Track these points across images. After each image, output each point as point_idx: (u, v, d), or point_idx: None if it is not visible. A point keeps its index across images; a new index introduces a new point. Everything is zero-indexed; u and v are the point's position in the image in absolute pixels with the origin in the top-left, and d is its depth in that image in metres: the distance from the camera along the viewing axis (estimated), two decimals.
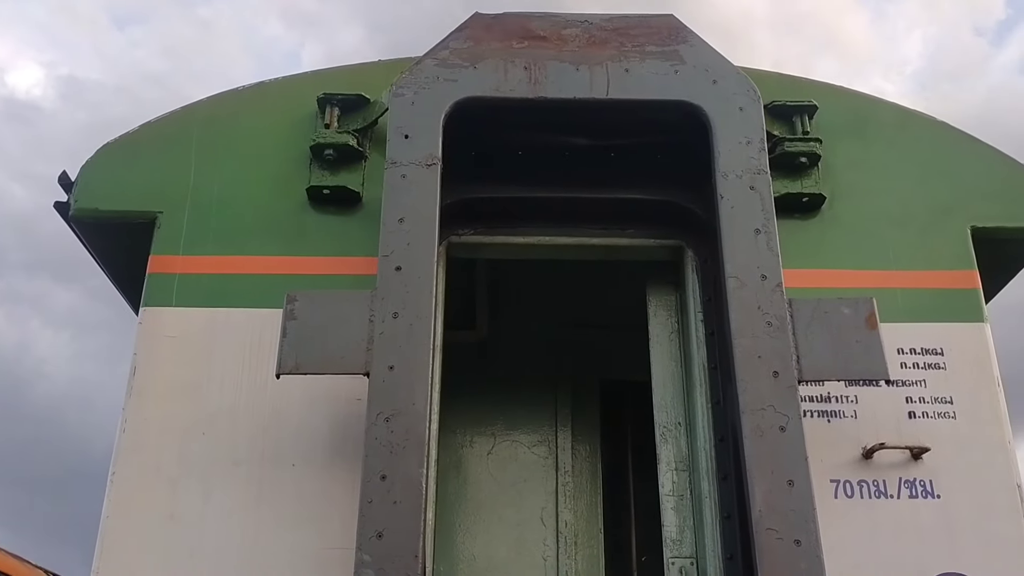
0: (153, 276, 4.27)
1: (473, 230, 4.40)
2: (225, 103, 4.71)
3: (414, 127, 3.86)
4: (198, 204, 4.40)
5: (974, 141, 4.66)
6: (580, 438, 5.78)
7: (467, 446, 5.71)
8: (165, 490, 3.84)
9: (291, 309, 3.57)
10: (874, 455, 3.92)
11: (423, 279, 3.59)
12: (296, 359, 3.50)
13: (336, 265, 4.27)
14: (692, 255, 4.32)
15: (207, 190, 4.44)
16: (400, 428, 3.33)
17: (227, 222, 4.38)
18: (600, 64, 3.99)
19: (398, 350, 3.45)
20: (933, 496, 3.91)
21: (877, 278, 4.29)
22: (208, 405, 3.99)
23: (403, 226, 3.67)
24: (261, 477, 3.87)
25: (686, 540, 4.03)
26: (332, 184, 4.35)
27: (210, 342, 4.12)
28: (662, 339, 4.43)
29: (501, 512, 5.60)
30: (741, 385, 3.44)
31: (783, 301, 3.60)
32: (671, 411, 4.28)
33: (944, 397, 4.08)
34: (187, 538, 3.76)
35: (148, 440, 3.93)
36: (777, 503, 3.24)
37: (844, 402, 4.05)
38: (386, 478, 3.26)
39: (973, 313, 4.26)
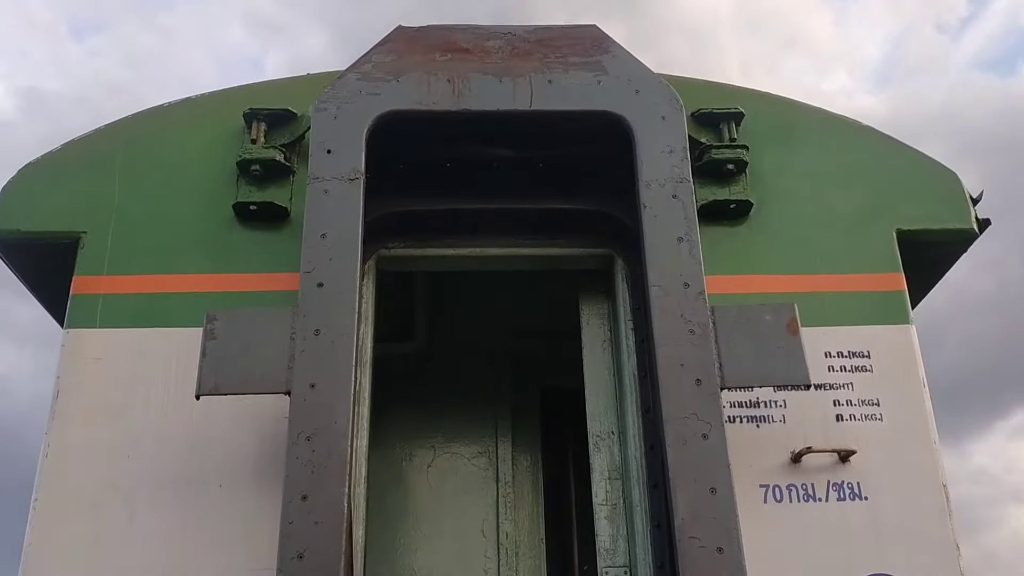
0: (76, 297, 4.20)
1: (403, 243, 4.38)
2: (151, 120, 4.65)
3: (337, 141, 3.84)
4: (123, 223, 4.34)
5: (900, 145, 4.72)
6: (520, 448, 5.78)
7: (406, 459, 5.69)
8: (89, 514, 3.77)
9: (211, 328, 3.53)
10: (802, 459, 3.95)
11: (345, 295, 3.57)
12: (216, 379, 3.45)
13: (265, 282, 4.23)
14: (622, 264, 4.33)
15: (132, 208, 4.37)
16: (322, 447, 3.30)
17: (153, 240, 4.32)
18: (523, 76, 3.99)
19: (320, 368, 3.42)
20: (861, 498, 3.94)
21: (804, 282, 4.33)
22: (132, 427, 3.93)
23: (325, 241, 3.65)
24: (187, 499, 3.81)
25: (619, 549, 4.04)
26: (259, 200, 4.30)
27: (135, 363, 4.06)
28: (595, 348, 4.44)
29: (441, 525, 5.58)
30: (664, 393, 3.45)
31: (706, 309, 3.62)
32: (604, 420, 4.29)
33: (871, 399, 4.12)
34: (112, 562, 3.69)
35: (71, 464, 3.86)
36: (700, 511, 3.25)
37: (773, 407, 4.08)
38: (307, 498, 3.23)
39: (899, 315, 4.31)
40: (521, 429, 5.81)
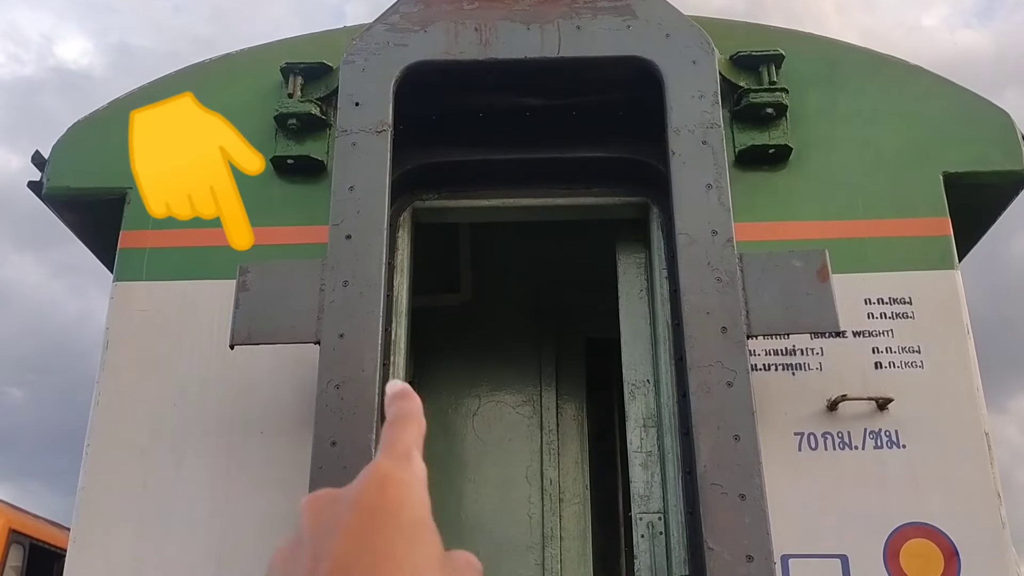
0: (124, 251, 4.34)
1: (437, 195, 4.41)
2: (192, 76, 4.73)
3: (364, 94, 3.87)
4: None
5: (948, 84, 4.55)
6: (565, 397, 5.81)
7: (452, 408, 5.77)
8: (138, 460, 3.94)
9: (243, 280, 3.63)
10: (838, 407, 3.90)
11: (373, 247, 3.62)
12: (248, 329, 3.56)
13: (302, 234, 4.30)
14: (657, 212, 4.29)
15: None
16: (350, 395, 3.38)
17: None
18: (551, 22, 3.96)
19: (348, 318, 3.49)
20: (899, 446, 3.88)
21: (845, 228, 4.23)
22: (179, 377, 4.07)
23: (353, 194, 3.70)
24: (231, 445, 3.95)
25: (654, 495, 4.06)
26: (296, 153, 4.36)
27: (180, 314, 4.19)
28: (631, 297, 4.43)
29: (487, 472, 5.67)
30: (689, 341, 3.44)
31: (733, 256, 3.58)
32: (639, 369, 4.29)
33: (912, 347, 4.03)
34: (159, 506, 3.86)
35: (121, 413, 4.03)
36: (722, 458, 3.25)
37: (809, 354, 4.02)
38: (336, 444, 3.32)
39: (944, 261, 4.18)
40: (566, 378, 5.85)
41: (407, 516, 0.73)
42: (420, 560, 0.70)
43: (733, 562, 3.12)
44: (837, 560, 3.71)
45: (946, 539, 3.73)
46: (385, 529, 0.71)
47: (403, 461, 0.79)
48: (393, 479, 0.76)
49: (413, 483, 0.77)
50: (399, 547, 0.70)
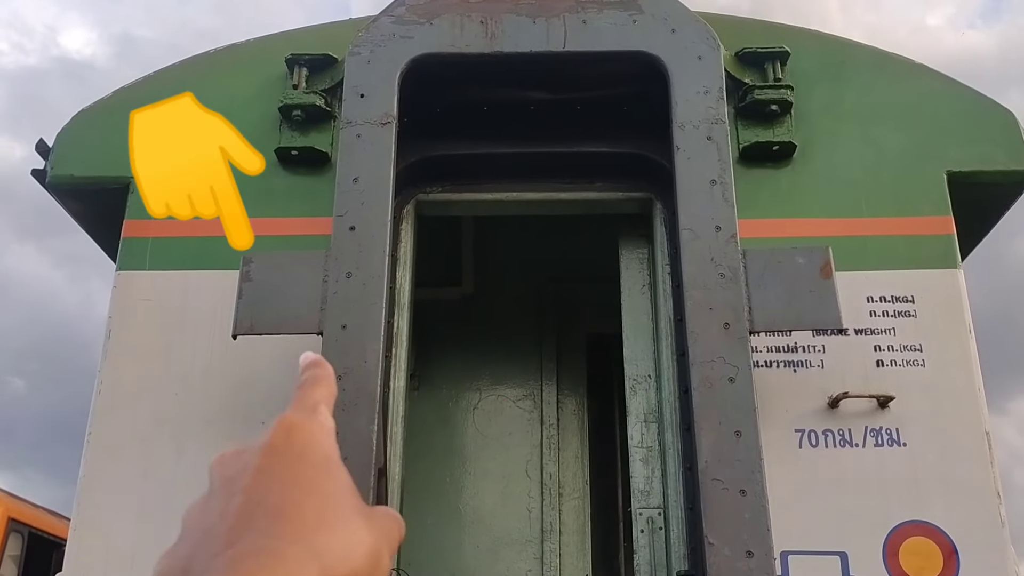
0: (127, 240, 4.34)
1: (441, 187, 4.41)
2: (197, 67, 4.74)
3: (369, 86, 3.87)
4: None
5: (953, 83, 4.55)
6: (566, 392, 5.82)
7: (453, 401, 5.78)
8: (139, 449, 3.95)
9: (246, 271, 3.63)
10: (839, 404, 3.90)
11: (377, 238, 3.62)
12: (251, 320, 3.56)
13: (307, 226, 4.31)
14: (660, 208, 4.29)
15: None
16: (351, 386, 3.38)
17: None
18: (557, 16, 3.95)
19: (351, 309, 3.49)
20: (899, 444, 3.88)
21: (848, 226, 4.24)
22: (181, 366, 4.08)
23: (357, 186, 3.69)
24: (231, 435, 3.94)
25: (654, 491, 4.07)
26: (300, 145, 4.36)
27: (183, 304, 4.20)
28: (633, 293, 4.43)
29: (487, 465, 5.68)
30: (692, 337, 3.44)
31: (737, 252, 3.58)
32: (641, 364, 4.29)
33: (913, 345, 4.04)
34: (160, 494, 3.86)
35: (122, 401, 4.03)
36: (724, 453, 3.26)
37: (811, 351, 4.02)
38: (337, 435, 3.30)
39: (946, 260, 4.19)
40: (567, 373, 5.85)
41: (316, 453, 0.75)
42: (331, 487, 0.73)
43: (733, 557, 3.13)
44: (836, 557, 3.71)
45: (946, 537, 3.74)
46: (293, 464, 0.73)
47: (310, 413, 0.82)
48: (299, 426, 0.78)
49: (319, 431, 0.79)
50: (309, 477, 0.72)
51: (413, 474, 5.20)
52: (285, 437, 0.76)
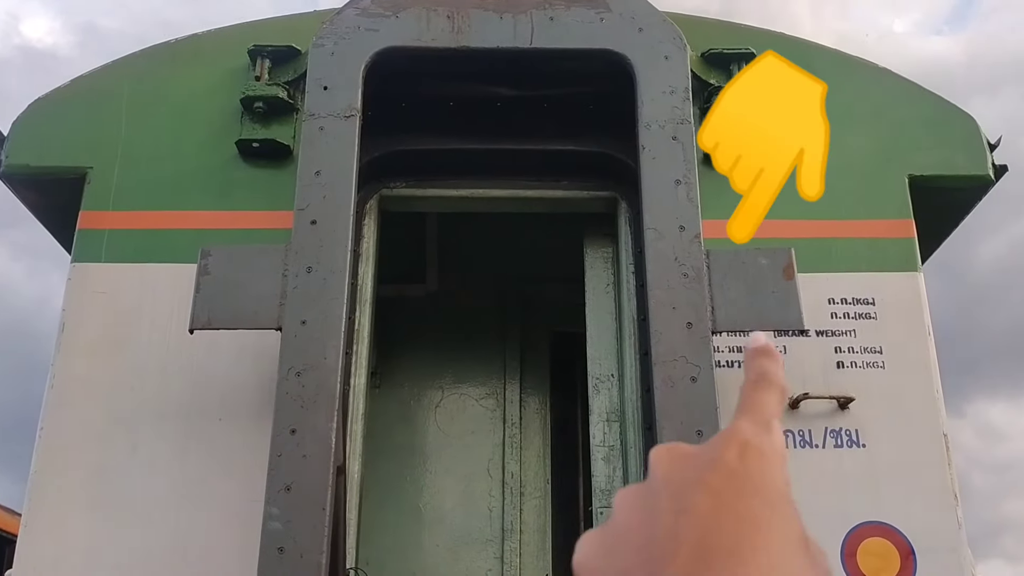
0: (83, 232, 4.25)
1: (405, 183, 4.37)
2: (158, 56, 4.65)
3: (333, 78, 3.82)
4: (129, 158, 4.36)
5: (915, 88, 4.59)
6: (529, 390, 5.80)
7: (415, 399, 5.74)
8: (92, 444, 3.86)
9: (205, 264, 3.57)
10: (800, 405, 3.91)
11: (339, 233, 3.58)
12: (209, 314, 3.50)
13: (267, 219, 4.24)
14: (626, 207, 4.28)
15: (138, 144, 4.39)
16: (311, 383, 3.34)
17: (158, 176, 4.34)
18: (524, 12, 3.93)
19: (311, 305, 3.45)
20: (858, 445, 3.90)
21: (811, 228, 4.25)
22: (136, 361, 3.99)
23: (319, 179, 3.65)
24: (188, 431, 3.88)
25: (615, 490, 4.01)
26: (262, 137, 4.28)
27: (139, 297, 4.11)
28: (598, 292, 4.42)
29: (448, 463, 5.65)
30: (655, 336, 3.44)
31: (700, 252, 3.58)
32: (604, 363, 4.29)
33: (874, 347, 4.06)
34: (114, 490, 3.78)
35: (76, 395, 3.94)
36: None
37: None
38: (296, 432, 3.28)
39: (907, 263, 4.22)
40: (530, 372, 5.84)
41: (771, 487, 0.69)
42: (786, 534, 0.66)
43: None
44: None
45: (903, 538, 3.77)
46: (748, 496, 0.67)
47: (763, 430, 0.74)
48: (753, 448, 0.71)
49: (773, 456, 0.72)
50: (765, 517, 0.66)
51: (374, 472, 5.14)
52: (739, 457, 0.69)
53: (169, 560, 3.65)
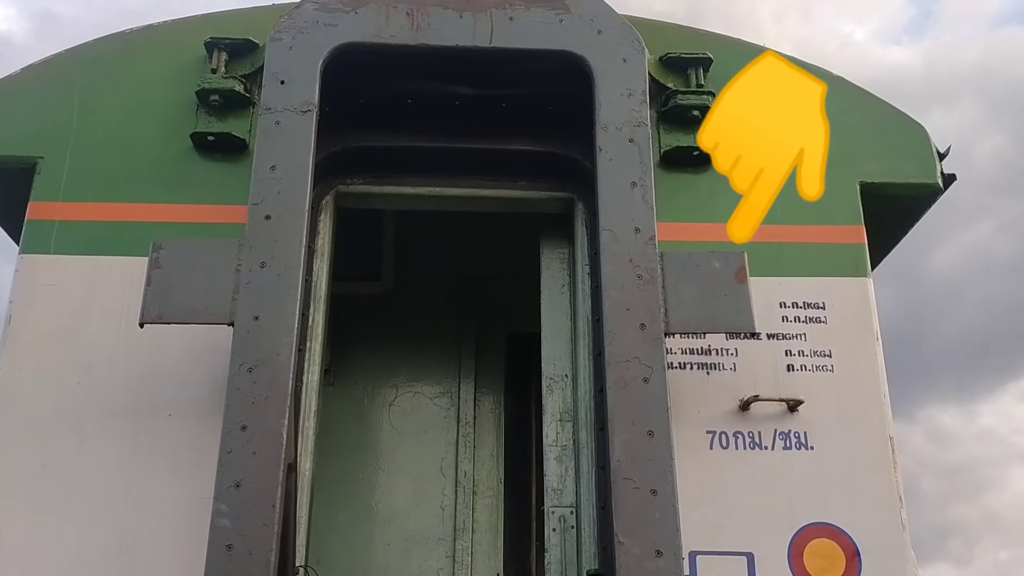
0: (32, 223, 4.18)
1: (362, 179, 4.35)
2: (111, 46, 4.59)
3: (290, 73, 3.80)
4: (80, 149, 4.29)
5: (868, 96, 4.67)
6: (484, 390, 5.80)
7: (368, 397, 5.71)
8: (37, 440, 3.79)
9: (156, 257, 3.53)
10: (750, 407, 3.97)
11: (293, 229, 3.55)
12: (160, 308, 3.46)
13: (222, 214, 4.19)
14: (582, 208, 4.30)
15: (90, 135, 4.33)
16: (263, 379, 3.31)
17: (110, 168, 4.28)
18: (484, 11, 3.94)
19: (264, 300, 3.43)
20: (807, 447, 3.96)
21: (764, 232, 4.29)
22: (85, 355, 3.93)
23: (274, 174, 3.62)
24: (136, 427, 3.83)
25: (567, 489, 4.07)
26: (217, 131, 4.25)
27: (88, 291, 4.05)
28: (553, 293, 4.43)
29: (401, 462, 5.63)
30: (608, 337, 3.46)
31: (655, 254, 3.61)
32: (558, 364, 4.29)
33: (823, 351, 4.13)
34: (59, 487, 3.72)
35: (22, 389, 3.87)
36: (636, 453, 3.28)
37: (724, 355, 4.08)
38: (246, 428, 3.25)
39: (857, 268, 4.29)
40: (485, 371, 5.83)
41: None
42: None
43: (642, 556, 3.15)
44: (743, 558, 3.77)
45: (848, 539, 3.83)
46: None
47: None
48: None
49: None
50: None
51: (325, 470, 5.11)
52: None
53: (113, 558, 3.60)
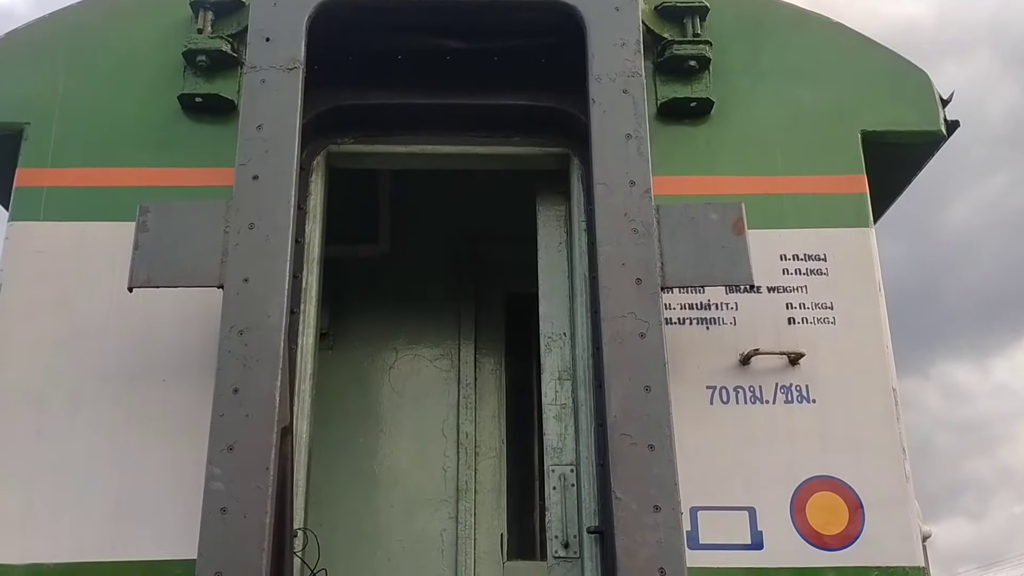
0: (20, 190, 4.12)
1: (353, 139, 4.28)
2: (96, 8, 4.50)
3: (276, 30, 3.72)
4: (67, 114, 4.23)
5: (869, 42, 4.55)
6: (484, 351, 5.76)
7: (368, 360, 5.69)
8: (32, 408, 3.77)
9: (143, 221, 3.48)
10: (751, 361, 3.91)
11: (282, 189, 3.49)
12: (148, 272, 3.42)
13: (211, 176, 4.12)
14: (578, 164, 4.22)
15: (77, 100, 4.26)
16: (254, 341, 3.27)
17: (98, 133, 4.22)
18: None
19: (253, 262, 3.37)
20: (808, 401, 3.91)
21: (763, 184, 4.23)
22: (77, 321, 3.89)
23: (261, 133, 3.56)
24: (131, 393, 3.80)
25: (567, 448, 4.04)
26: (205, 92, 4.17)
27: (79, 257, 4.01)
28: (550, 250, 4.38)
29: (402, 425, 5.61)
30: (604, 292, 3.40)
31: (651, 207, 3.54)
32: (556, 322, 4.25)
33: (824, 303, 4.06)
34: (54, 455, 3.70)
35: (14, 358, 3.84)
36: (632, 408, 3.23)
37: (724, 309, 4.02)
38: (238, 391, 3.21)
39: (859, 219, 4.21)
40: (485, 332, 5.79)
41: None
42: None
43: (640, 512, 3.12)
44: (745, 512, 3.74)
45: (852, 492, 3.79)
46: None
47: None
48: None
49: None
50: None
51: (326, 435, 5.09)
52: None
53: (111, 523, 3.59)
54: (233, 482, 3.09)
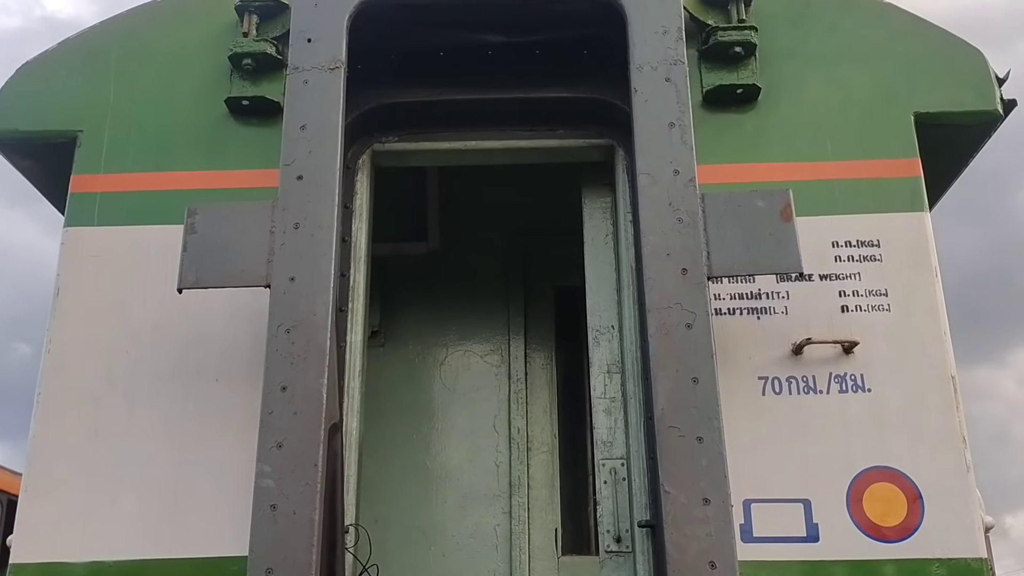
0: (75, 196, 4.22)
1: (397, 137, 4.30)
2: (145, 16, 4.59)
3: (317, 30, 3.74)
4: (119, 121, 4.32)
5: (921, 22, 4.43)
6: (534, 346, 5.75)
7: (419, 357, 5.71)
8: (90, 408, 3.86)
9: (191, 223, 3.53)
10: (803, 350, 3.84)
11: (326, 188, 3.51)
12: (197, 273, 3.47)
13: (259, 178, 4.17)
14: (623, 154, 4.19)
15: (128, 106, 4.35)
16: (301, 339, 3.30)
17: (148, 138, 4.30)
18: None
19: (299, 261, 3.40)
20: (863, 390, 3.82)
21: (813, 170, 4.14)
22: (131, 323, 3.98)
23: (304, 134, 3.58)
24: (185, 392, 3.87)
25: (617, 441, 4.01)
26: (251, 95, 4.23)
27: (133, 260, 4.09)
28: (596, 242, 4.35)
29: (454, 420, 5.63)
30: (648, 283, 3.36)
31: (695, 196, 3.49)
32: (604, 315, 4.23)
33: (879, 290, 3.96)
34: (111, 454, 3.78)
35: (72, 360, 3.94)
36: (680, 401, 3.19)
37: (775, 298, 3.95)
38: (286, 389, 3.24)
39: (913, 203, 4.10)
40: (535, 327, 5.78)
41: None
42: None
43: (690, 505, 3.08)
44: (800, 504, 3.67)
45: (910, 483, 3.70)
46: None
47: None
48: None
49: None
50: None
51: (379, 431, 5.13)
52: None
53: (167, 521, 3.66)
54: (282, 479, 3.13)
